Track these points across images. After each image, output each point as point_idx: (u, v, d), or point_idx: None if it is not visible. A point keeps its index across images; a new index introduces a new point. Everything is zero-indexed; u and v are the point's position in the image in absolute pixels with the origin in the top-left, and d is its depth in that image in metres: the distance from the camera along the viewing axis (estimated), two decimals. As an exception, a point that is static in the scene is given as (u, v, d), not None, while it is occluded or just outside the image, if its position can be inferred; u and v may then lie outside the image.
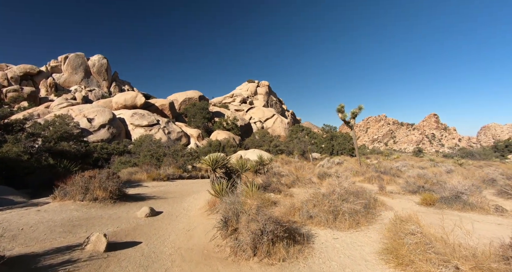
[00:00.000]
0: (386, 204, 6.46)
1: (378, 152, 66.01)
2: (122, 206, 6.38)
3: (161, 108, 41.85)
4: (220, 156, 6.67)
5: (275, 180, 9.33)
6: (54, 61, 59.31)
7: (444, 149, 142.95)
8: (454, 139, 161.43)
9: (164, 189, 10.09)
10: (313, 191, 5.67)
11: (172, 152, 14.76)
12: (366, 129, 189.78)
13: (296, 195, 7.51)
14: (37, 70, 55.62)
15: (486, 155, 49.90)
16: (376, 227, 4.57)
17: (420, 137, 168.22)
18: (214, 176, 6.49)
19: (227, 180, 6.20)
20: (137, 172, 12.58)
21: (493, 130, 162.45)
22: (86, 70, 61.02)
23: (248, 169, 6.87)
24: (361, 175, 11.99)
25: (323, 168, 13.19)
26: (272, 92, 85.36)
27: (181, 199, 8.05)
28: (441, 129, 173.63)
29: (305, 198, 5.90)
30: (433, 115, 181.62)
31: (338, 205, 4.55)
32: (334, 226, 4.37)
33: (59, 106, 42.37)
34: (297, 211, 4.76)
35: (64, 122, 18.98)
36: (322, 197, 4.91)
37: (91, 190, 6.18)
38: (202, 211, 6.03)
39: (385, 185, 9.88)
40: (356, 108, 15.24)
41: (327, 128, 54.94)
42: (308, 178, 9.87)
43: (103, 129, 32.64)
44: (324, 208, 4.56)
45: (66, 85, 58.25)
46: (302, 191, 8.82)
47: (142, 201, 7.26)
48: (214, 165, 6.34)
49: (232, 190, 5.51)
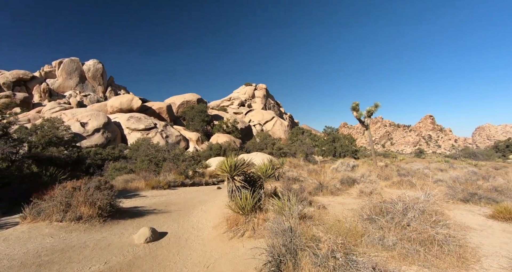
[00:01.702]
0: (451, 218, 5.13)
1: (379, 154, 65.11)
2: (114, 226, 4.95)
3: (158, 112, 40.34)
4: (239, 160, 5.31)
5: (296, 187, 7.96)
6: (48, 66, 57.68)
7: (441, 150, 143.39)
8: (450, 140, 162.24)
9: (166, 199, 8.65)
10: (366, 203, 4.33)
11: (172, 157, 13.32)
12: (363, 131, 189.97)
13: (330, 208, 6.14)
14: (30, 75, 53.99)
15: (488, 155, 49.38)
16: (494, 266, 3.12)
17: (417, 138, 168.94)
18: (233, 185, 5.10)
19: (249, 190, 4.84)
20: (133, 179, 11.10)
21: (487, 130, 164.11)
22: (81, 75, 59.43)
23: (272, 176, 5.52)
24: (387, 180, 10.69)
25: (341, 172, 11.89)
26: (270, 95, 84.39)
27: (188, 213, 6.63)
28: (437, 130, 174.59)
29: (352, 214, 4.54)
30: (429, 117, 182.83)
31: (420, 229, 3.17)
32: (429, 263, 2.91)
33: (51, 111, 40.61)
34: (358, 237, 3.40)
35: (53, 126, 17.42)
36: (389, 216, 3.55)
37: (73, 206, 4.75)
38: (219, 231, 4.63)
39: (420, 191, 8.57)
40: (372, 106, 14.05)
41: (329, 130, 53.95)
42: (333, 184, 8.53)
43: (98, 133, 31.01)
44: (400, 233, 3.18)
45: (61, 91, 56.54)
46: (332, 200, 7.47)
47: (140, 217, 5.82)
48: (233, 172, 4.98)
49: (260, 206, 4.14)
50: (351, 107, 14.11)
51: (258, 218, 4.12)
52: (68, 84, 57.54)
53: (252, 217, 4.18)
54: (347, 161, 14.93)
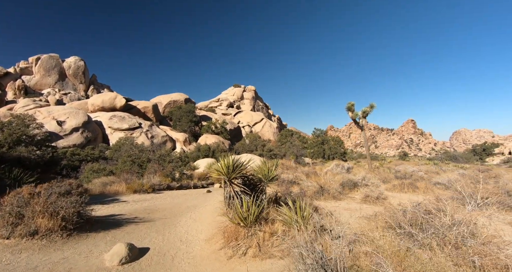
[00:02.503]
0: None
1: (365, 156, 66.26)
2: (81, 242, 3.96)
3: (143, 111, 38.57)
4: (236, 160, 4.50)
5: (296, 191, 7.24)
6: (24, 62, 54.02)
7: (422, 153, 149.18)
8: (430, 144, 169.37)
9: (149, 205, 7.64)
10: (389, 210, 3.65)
11: (157, 157, 12.23)
12: (349, 134, 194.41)
13: (336, 214, 5.45)
14: (4, 71, 50.33)
15: (467, 158, 51.65)
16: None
17: (400, 141, 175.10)
18: (231, 190, 4.25)
19: (250, 196, 4.03)
20: (113, 182, 9.94)
21: (463, 135, 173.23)
22: (61, 72, 56.13)
23: (275, 178, 4.74)
24: (386, 182, 10.23)
25: (341, 175, 11.32)
26: (259, 97, 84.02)
27: (174, 221, 5.71)
28: (418, 134, 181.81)
29: (370, 225, 3.85)
30: (410, 121, 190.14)
31: (483, 250, 2.47)
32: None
33: (25, 108, 37.71)
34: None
35: (23, 123, 15.73)
36: (430, 231, 2.86)
37: (27, 218, 3.73)
38: (214, 246, 3.79)
39: (424, 195, 8.12)
40: (367, 106, 13.68)
41: (318, 132, 54.13)
42: (333, 188, 7.88)
43: (76, 133, 28.97)
44: (456, 256, 2.46)
45: (38, 88, 53.05)
46: (335, 205, 6.80)
47: (116, 228, 4.84)
48: (231, 174, 4.15)
49: (264, 215, 3.35)
50: (346, 107, 13.68)
51: (264, 232, 3.33)
52: (47, 82, 54.16)
53: (256, 230, 3.39)
54: (341, 163, 14.45)
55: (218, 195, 10.10)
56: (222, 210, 6.14)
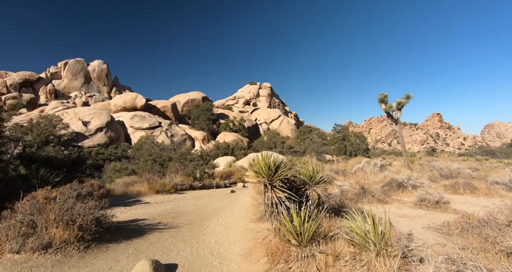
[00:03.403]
0: None
1: (389, 153, 62.94)
2: (100, 256, 3.42)
3: (163, 110, 39.06)
4: (278, 158, 3.72)
5: (334, 192, 6.35)
6: (54, 67, 57.38)
7: (450, 148, 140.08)
8: (459, 138, 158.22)
9: (173, 207, 7.13)
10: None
11: (179, 156, 11.82)
12: (368, 130, 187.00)
13: (395, 224, 4.51)
14: (36, 77, 53.79)
15: (506, 153, 47.26)
16: None
17: (425, 136, 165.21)
18: (273, 196, 3.47)
19: (296, 203, 3.24)
20: (135, 182, 9.62)
21: (497, 128, 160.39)
22: (86, 75, 58.97)
23: (323, 181, 3.91)
24: (434, 182, 8.98)
25: (377, 174, 10.19)
26: (275, 94, 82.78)
27: (201, 227, 5.09)
28: (445, 128, 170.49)
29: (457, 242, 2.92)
30: (436, 114, 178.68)
31: None
32: None
33: (54, 110, 39.70)
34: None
35: (50, 123, 16.11)
36: None
37: (41, 227, 3.24)
38: (256, 267, 3.06)
39: (487, 197, 6.87)
40: (402, 97, 12.29)
41: (338, 128, 52.10)
42: (375, 189, 6.88)
43: (100, 132, 29.86)
44: None
45: (66, 92, 56.18)
46: (386, 211, 5.83)
47: (139, 237, 4.28)
48: (273, 176, 3.36)
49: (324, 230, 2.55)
50: (378, 98, 12.38)
51: (326, 254, 2.53)
52: (74, 85, 57.18)
53: (313, 251, 2.60)
54: (373, 161, 13.22)
55: (243, 196, 9.45)
56: (254, 215, 5.44)
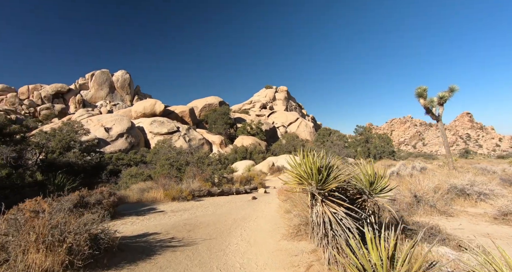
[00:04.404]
0: None
1: (416, 155, 58.89)
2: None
3: (181, 115, 39.45)
4: (326, 161, 2.82)
5: (381, 201, 5.27)
6: (82, 79, 61.31)
7: (483, 150, 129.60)
8: (493, 139, 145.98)
9: (189, 216, 6.40)
10: None
11: (196, 160, 11.23)
12: (391, 131, 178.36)
13: (476, 244, 3.39)
14: (67, 88, 57.81)
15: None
16: None
17: (454, 138, 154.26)
18: (326, 211, 2.48)
19: (358, 222, 2.29)
20: (151, 188, 9.10)
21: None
22: (110, 85, 62.18)
23: (388, 189, 2.95)
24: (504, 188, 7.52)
25: (436, 178, 8.85)
26: (291, 97, 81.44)
27: (222, 245, 4.27)
28: (477, 128, 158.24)
29: None
30: (466, 114, 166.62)
31: None
32: None
33: (80, 118, 41.56)
34: None
35: (72, 129, 16.38)
36: None
37: (14, 253, 2.57)
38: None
39: None
40: (445, 90, 10.83)
41: (361, 130, 49.70)
42: (431, 197, 5.68)
43: (121, 138, 30.48)
44: None
45: (93, 101, 59.62)
46: (454, 226, 4.66)
47: (146, 259, 3.51)
48: (324, 184, 2.41)
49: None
50: (416, 92, 11.00)
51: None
52: (100, 95, 60.47)
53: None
54: (411, 163, 11.76)
55: (266, 203, 8.57)
56: (287, 230, 4.53)
